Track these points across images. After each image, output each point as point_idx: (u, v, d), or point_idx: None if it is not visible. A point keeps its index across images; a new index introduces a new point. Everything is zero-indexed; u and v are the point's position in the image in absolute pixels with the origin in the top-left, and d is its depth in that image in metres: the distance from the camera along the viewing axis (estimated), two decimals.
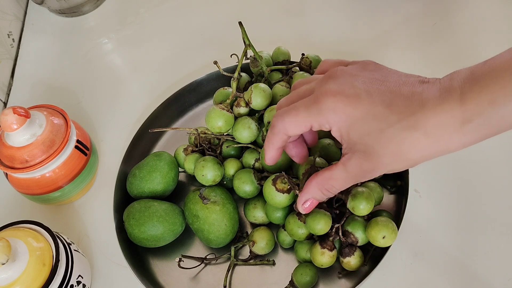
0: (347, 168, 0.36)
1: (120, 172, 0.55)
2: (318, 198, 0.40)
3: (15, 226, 0.46)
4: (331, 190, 0.38)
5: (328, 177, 0.38)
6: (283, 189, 0.45)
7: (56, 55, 0.76)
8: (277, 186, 0.45)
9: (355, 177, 0.36)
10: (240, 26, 0.50)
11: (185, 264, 0.50)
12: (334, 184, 0.38)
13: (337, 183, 0.38)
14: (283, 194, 0.45)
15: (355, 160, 0.35)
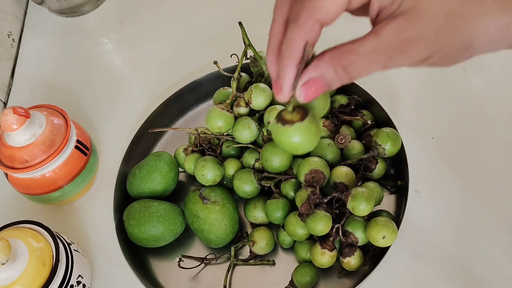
0: (380, 36, 0.27)
1: (120, 172, 0.55)
2: (328, 78, 0.28)
3: (15, 226, 0.46)
4: (349, 70, 0.27)
5: (348, 50, 0.27)
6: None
7: (56, 55, 0.76)
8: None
9: (389, 50, 0.27)
10: (240, 26, 0.50)
11: (185, 264, 0.50)
12: (356, 60, 0.27)
13: (361, 58, 0.27)
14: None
15: (394, 24, 0.26)
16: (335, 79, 0.28)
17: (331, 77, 0.28)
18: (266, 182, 0.50)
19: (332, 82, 0.28)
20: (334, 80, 0.28)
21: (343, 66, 0.27)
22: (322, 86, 0.28)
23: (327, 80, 0.28)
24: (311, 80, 0.28)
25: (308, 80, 0.28)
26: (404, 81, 0.60)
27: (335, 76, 0.28)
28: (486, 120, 0.56)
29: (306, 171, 0.46)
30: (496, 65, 0.61)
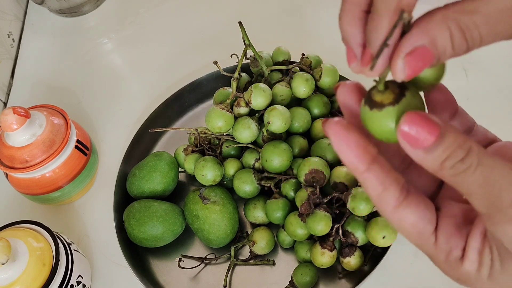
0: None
1: (120, 172, 0.55)
2: (441, 46, 0.21)
3: (15, 226, 0.46)
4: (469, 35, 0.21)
5: (469, 9, 0.20)
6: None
7: (56, 55, 0.76)
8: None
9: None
10: (240, 26, 0.50)
11: (185, 264, 0.50)
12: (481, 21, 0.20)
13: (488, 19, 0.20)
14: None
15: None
16: (448, 46, 0.21)
17: (444, 44, 0.21)
18: (266, 182, 0.50)
19: (445, 52, 0.21)
20: (447, 48, 0.21)
21: (462, 28, 0.20)
22: (431, 57, 0.21)
23: (438, 48, 0.21)
24: (418, 49, 0.21)
25: (414, 50, 0.21)
26: None
27: (450, 42, 0.21)
28: (486, 120, 0.56)
29: (306, 171, 0.46)
30: (496, 65, 0.61)
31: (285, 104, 0.52)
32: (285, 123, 0.48)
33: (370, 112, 0.23)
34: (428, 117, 0.21)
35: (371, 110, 0.23)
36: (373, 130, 0.24)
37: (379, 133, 0.23)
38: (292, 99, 0.53)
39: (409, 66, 0.21)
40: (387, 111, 0.22)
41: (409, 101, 0.22)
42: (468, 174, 0.21)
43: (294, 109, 0.52)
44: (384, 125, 0.23)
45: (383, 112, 0.22)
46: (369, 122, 0.23)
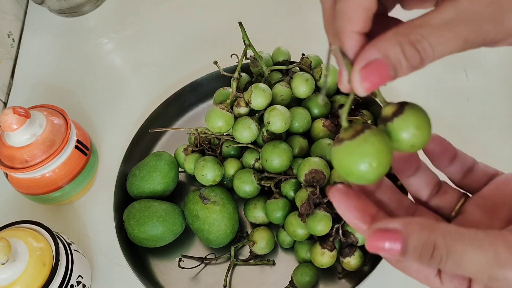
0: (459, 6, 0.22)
1: (120, 172, 0.55)
2: (394, 59, 0.22)
3: (15, 226, 0.46)
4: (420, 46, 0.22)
5: (418, 24, 0.22)
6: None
7: (56, 55, 0.76)
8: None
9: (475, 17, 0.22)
10: (240, 26, 0.50)
11: (185, 264, 0.50)
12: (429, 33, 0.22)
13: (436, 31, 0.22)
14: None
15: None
16: (402, 60, 0.22)
17: (396, 58, 0.22)
18: (266, 182, 0.50)
19: (399, 66, 0.22)
20: (401, 61, 0.22)
21: (412, 42, 0.22)
22: (386, 68, 0.22)
23: (392, 62, 0.22)
24: (372, 63, 0.22)
25: (368, 63, 0.22)
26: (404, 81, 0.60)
27: (402, 56, 0.22)
28: (486, 120, 0.56)
29: (306, 171, 0.46)
30: (496, 65, 0.61)
31: (285, 104, 0.52)
32: (285, 123, 0.48)
33: (333, 148, 0.24)
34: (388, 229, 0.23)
35: (333, 146, 0.24)
36: (334, 165, 0.25)
37: (338, 167, 0.24)
38: (292, 99, 0.53)
39: (365, 78, 0.22)
40: (345, 146, 0.23)
41: (366, 137, 0.23)
42: (443, 264, 0.23)
43: (294, 109, 0.52)
44: (342, 159, 0.24)
45: (341, 147, 0.24)
46: (332, 158, 0.25)
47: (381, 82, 0.22)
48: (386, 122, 0.24)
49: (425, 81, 0.60)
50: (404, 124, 0.24)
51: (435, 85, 0.60)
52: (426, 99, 0.59)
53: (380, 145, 0.23)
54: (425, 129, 0.25)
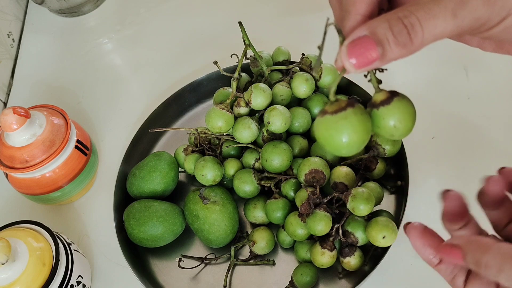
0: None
1: (120, 172, 0.55)
2: (381, 35, 0.22)
3: (15, 226, 0.46)
4: (408, 21, 0.22)
5: (408, 3, 0.23)
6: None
7: (56, 55, 0.76)
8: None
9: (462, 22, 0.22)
10: (240, 26, 0.50)
11: (185, 264, 0.50)
12: (417, 9, 0.22)
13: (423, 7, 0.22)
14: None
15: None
16: (389, 36, 0.22)
17: (383, 34, 0.22)
18: (266, 182, 0.50)
19: (386, 42, 0.22)
20: (388, 38, 0.22)
21: (399, 17, 0.22)
22: (372, 43, 0.22)
23: (379, 36, 0.22)
24: (359, 39, 0.22)
25: (356, 39, 0.22)
26: (404, 80, 0.60)
27: (390, 32, 0.22)
28: (486, 120, 0.56)
29: (306, 171, 0.46)
30: (496, 65, 0.61)
31: (285, 104, 0.52)
32: (285, 123, 0.48)
33: (316, 119, 0.25)
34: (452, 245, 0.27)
35: (317, 117, 0.25)
36: (315, 135, 0.26)
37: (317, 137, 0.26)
38: (292, 99, 0.53)
39: (351, 53, 0.22)
40: (326, 119, 0.25)
41: (347, 115, 0.24)
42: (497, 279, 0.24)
43: (294, 109, 0.52)
44: (321, 131, 0.25)
45: (323, 119, 0.25)
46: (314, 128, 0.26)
47: (369, 60, 0.22)
48: (373, 107, 0.26)
49: (426, 80, 0.60)
50: (388, 114, 0.25)
51: (436, 84, 0.60)
52: (427, 98, 0.59)
53: (357, 124, 0.24)
54: (407, 123, 0.25)
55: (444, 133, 0.56)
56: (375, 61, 0.22)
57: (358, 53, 0.22)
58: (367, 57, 0.22)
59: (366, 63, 0.22)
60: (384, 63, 0.23)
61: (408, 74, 0.60)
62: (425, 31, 0.22)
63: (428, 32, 0.22)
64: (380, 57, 0.22)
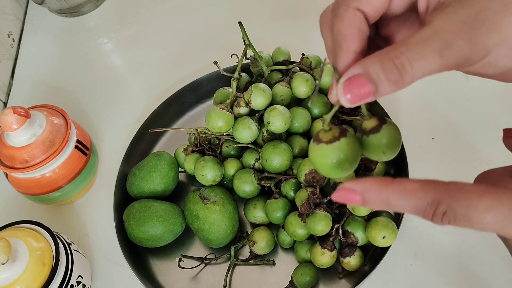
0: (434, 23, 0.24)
1: (120, 172, 0.55)
2: (373, 74, 0.24)
3: (15, 226, 0.46)
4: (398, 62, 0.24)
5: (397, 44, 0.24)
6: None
7: (56, 55, 0.76)
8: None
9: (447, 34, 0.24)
10: (240, 26, 0.50)
11: (185, 264, 0.50)
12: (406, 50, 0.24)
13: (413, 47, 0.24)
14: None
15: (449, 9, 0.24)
16: (381, 75, 0.24)
17: (376, 73, 0.24)
18: (266, 182, 0.50)
19: (378, 80, 0.24)
20: (380, 76, 0.24)
21: (391, 57, 0.24)
22: (366, 84, 0.24)
23: (371, 76, 0.24)
24: (354, 77, 0.24)
25: (351, 77, 0.24)
26: None
27: (382, 71, 0.24)
28: (486, 120, 0.56)
29: (306, 171, 0.46)
30: None
31: (285, 104, 0.52)
32: (285, 123, 0.48)
33: (311, 144, 0.27)
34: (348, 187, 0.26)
35: (312, 142, 0.27)
36: (310, 158, 0.28)
37: (312, 161, 0.28)
38: (292, 99, 0.53)
39: (346, 90, 0.25)
40: (321, 147, 0.27)
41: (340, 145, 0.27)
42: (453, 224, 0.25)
43: (294, 109, 0.52)
44: (316, 157, 0.27)
45: (318, 147, 0.27)
46: (309, 152, 0.28)
47: (363, 95, 0.24)
48: (363, 134, 0.28)
49: (425, 82, 0.60)
50: (378, 142, 0.28)
51: (435, 85, 0.60)
52: (427, 99, 0.59)
53: (349, 154, 0.27)
54: (394, 148, 0.28)
55: (444, 134, 0.56)
56: (368, 97, 0.24)
57: (353, 90, 0.24)
58: (361, 93, 0.24)
59: (360, 99, 0.25)
60: (377, 98, 0.25)
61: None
62: (415, 70, 0.24)
63: (417, 71, 0.24)
64: (373, 93, 0.24)
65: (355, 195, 0.26)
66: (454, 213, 0.24)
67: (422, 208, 0.25)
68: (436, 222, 0.25)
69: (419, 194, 0.25)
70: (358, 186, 0.26)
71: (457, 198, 0.24)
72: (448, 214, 0.24)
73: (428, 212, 0.25)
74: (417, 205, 0.25)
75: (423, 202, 0.24)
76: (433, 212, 0.24)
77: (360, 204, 0.26)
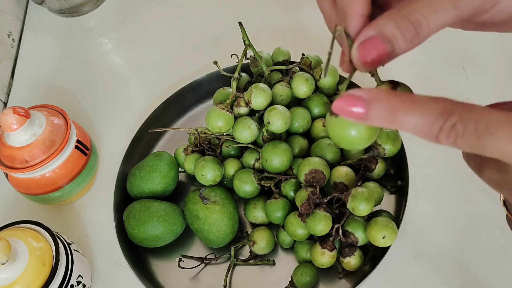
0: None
1: (120, 172, 0.55)
2: (389, 34, 0.23)
3: (15, 226, 0.46)
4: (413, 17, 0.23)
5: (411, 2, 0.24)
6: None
7: (56, 55, 0.76)
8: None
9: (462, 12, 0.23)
10: (240, 26, 0.50)
11: (185, 264, 0.50)
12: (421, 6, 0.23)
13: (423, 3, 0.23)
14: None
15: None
16: (398, 34, 0.23)
17: (391, 32, 0.23)
18: (266, 182, 0.50)
19: (394, 40, 0.23)
20: (396, 35, 0.23)
21: (404, 15, 0.23)
22: (382, 46, 0.23)
23: (387, 37, 0.23)
24: (368, 39, 0.24)
25: (365, 40, 0.24)
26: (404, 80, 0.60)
27: (397, 30, 0.23)
28: None
29: (306, 171, 0.46)
30: (496, 65, 0.61)
31: (285, 104, 0.52)
32: (285, 123, 0.48)
33: (329, 118, 0.26)
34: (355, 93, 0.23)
35: (329, 116, 0.26)
36: (329, 132, 0.27)
37: (332, 136, 0.26)
38: (292, 99, 0.53)
39: (362, 53, 0.24)
40: (340, 119, 0.25)
41: None
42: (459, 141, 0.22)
43: (294, 109, 0.52)
44: (337, 130, 0.26)
45: (337, 119, 0.25)
46: (328, 126, 0.27)
47: (379, 58, 0.24)
48: None
49: (425, 80, 0.60)
50: None
51: (435, 84, 0.60)
52: None
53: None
54: None
55: None
56: (385, 58, 0.24)
57: (369, 52, 0.24)
58: (378, 55, 0.24)
59: (377, 61, 0.24)
60: (393, 58, 0.24)
61: (408, 74, 0.60)
62: (430, 25, 0.23)
63: (433, 25, 0.23)
64: (389, 53, 0.24)
65: (361, 104, 0.22)
66: (464, 124, 0.21)
67: (430, 121, 0.21)
68: (441, 139, 0.22)
69: (429, 105, 0.22)
70: (365, 93, 0.23)
71: (470, 109, 0.21)
72: (457, 126, 0.21)
73: (436, 125, 0.21)
74: (424, 117, 0.21)
75: (432, 112, 0.21)
76: (441, 125, 0.21)
77: (361, 118, 0.23)
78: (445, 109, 0.21)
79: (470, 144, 0.21)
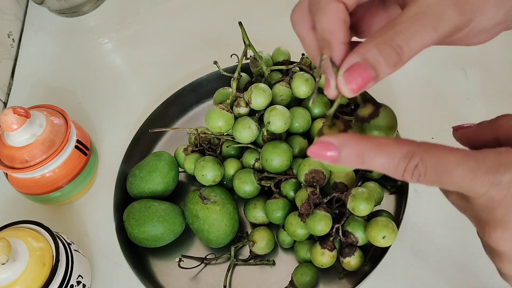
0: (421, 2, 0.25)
1: (120, 172, 0.55)
2: (372, 60, 0.24)
3: (15, 226, 0.46)
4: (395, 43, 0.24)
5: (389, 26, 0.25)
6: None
7: (56, 55, 0.76)
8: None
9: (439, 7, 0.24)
10: (240, 26, 0.50)
11: (185, 264, 0.50)
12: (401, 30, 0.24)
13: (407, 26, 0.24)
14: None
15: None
16: (380, 60, 0.24)
17: (375, 58, 0.24)
18: (266, 182, 0.50)
19: (378, 65, 0.24)
20: (379, 61, 0.24)
21: (386, 41, 0.24)
22: (366, 70, 0.24)
23: (371, 63, 0.24)
24: (353, 66, 0.24)
25: (350, 67, 0.25)
26: (404, 81, 0.60)
27: (380, 55, 0.24)
28: None
29: (306, 171, 0.46)
30: (496, 65, 0.61)
31: (285, 104, 0.52)
32: (285, 123, 0.48)
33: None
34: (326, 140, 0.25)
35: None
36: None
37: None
38: (292, 99, 0.53)
39: (348, 80, 0.25)
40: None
41: None
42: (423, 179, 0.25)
43: (294, 109, 0.52)
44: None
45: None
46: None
47: (364, 83, 0.25)
48: (363, 122, 0.28)
49: (425, 81, 0.60)
50: (379, 125, 0.28)
51: (435, 85, 0.60)
52: (426, 98, 0.59)
53: None
54: (395, 127, 0.29)
55: (444, 133, 0.56)
56: (370, 82, 0.25)
57: (354, 78, 0.25)
58: (363, 81, 0.25)
59: (362, 86, 0.25)
60: (377, 82, 0.25)
61: (407, 74, 0.60)
62: (411, 48, 0.24)
63: (414, 48, 0.24)
64: (374, 78, 0.25)
65: (332, 150, 0.25)
66: (425, 165, 0.24)
67: (394, 163, 0.24)
68: (406, 178, 0.25)
69: (393, 148, 0.24)
70: (335, 140, 0.25)
71: (431, 151, 0.24)
72: (419, 166, 0.24)
73: (400, 166, 0.24)
74: (389, 160, 0.24)
75: (396, 155, 0.24)
76: (405, 166, 0.24)
77: (334, 161, 0.25)
78: (408, 152, 0.24)
79: (433, 181, 0.24)
